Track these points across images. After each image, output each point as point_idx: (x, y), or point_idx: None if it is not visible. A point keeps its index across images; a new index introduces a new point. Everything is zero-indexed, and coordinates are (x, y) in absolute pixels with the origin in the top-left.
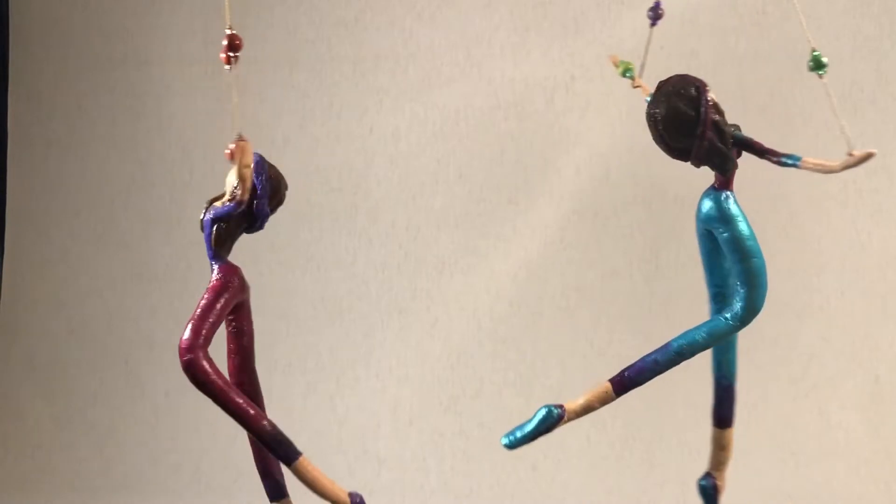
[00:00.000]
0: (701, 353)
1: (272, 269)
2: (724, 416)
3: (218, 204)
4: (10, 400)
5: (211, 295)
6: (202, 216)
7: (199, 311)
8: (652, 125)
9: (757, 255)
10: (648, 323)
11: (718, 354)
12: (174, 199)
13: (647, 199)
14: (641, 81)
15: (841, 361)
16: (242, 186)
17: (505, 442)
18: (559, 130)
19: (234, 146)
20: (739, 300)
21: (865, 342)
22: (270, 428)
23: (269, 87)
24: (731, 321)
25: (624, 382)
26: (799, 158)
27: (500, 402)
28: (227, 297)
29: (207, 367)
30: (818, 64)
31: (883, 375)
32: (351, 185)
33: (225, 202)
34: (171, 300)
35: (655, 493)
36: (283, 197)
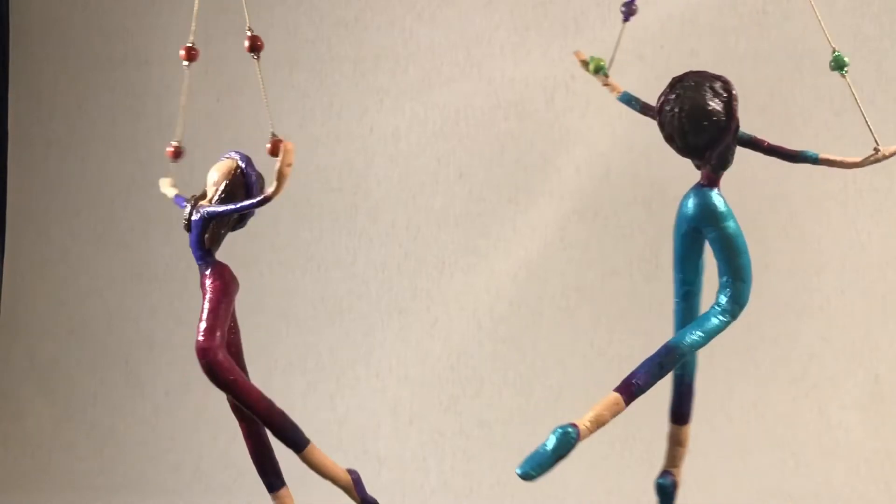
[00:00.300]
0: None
1: (272, 268)
2: (683, 412)
3: (205, 202)
4: (10, 399)
5: (217, 295)
6: (189, 216)
7: (209, 311)
8: (673, 118)
9: (746, 251)
10: (648, 323)
11: None
12: None
13: (647, 198)
14: (613, 81)
15: (841, 361)
16: (279, 185)
17: (520, 472)
18: (559, 130)
19: (279, 144)
20: (730, 296)
21: (865, 342)
22: (283, 418)
23: (269, 86)
24: (723, 317)
25: (632, 390)
26: (816, 154)
27: (500, 401)
28: (231, 295)
29: (228, 365)
30: (840, 64)
31: (883, 375)
32: (351, 184)
33: (210, 199)
34: (171, 300)
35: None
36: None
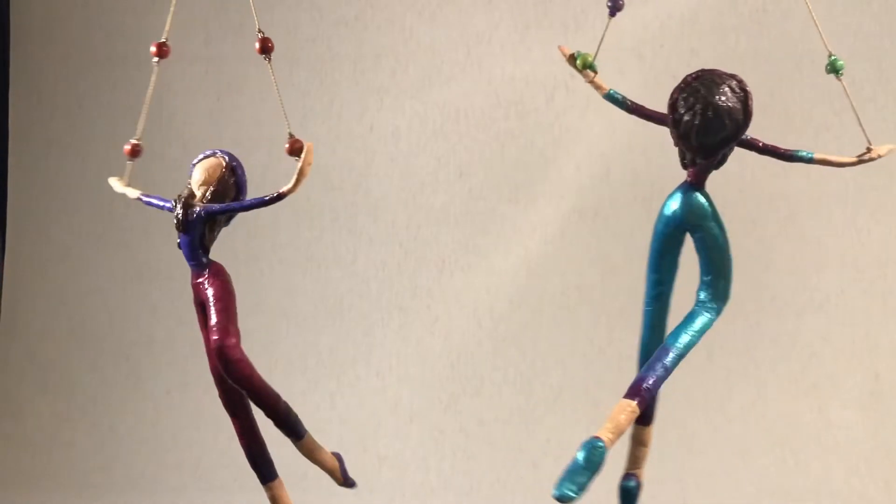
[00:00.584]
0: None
1: (273, 267)
2: (647, 413)
3: (197, 201)
4: (11, 398)
5: (223, 293)
6: (186, 216)
7: (219, 311)
8: (694, 116)
9: (729, 248)
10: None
11: (650, 350)
12: None
13: (646, 197)
14: (599, 79)
15: (841, 360)
16: (298, 183)
17: (557, 494)
18: (559, 129)
19: (298, 144)
20: (714, 294)
21: (865, 341)
22: (287, 409)
23: (269, 85)
24: (711, 315)
25: (645, 396)
26: (811, 154)
27: (500, 400)
28: (233, 291)
29: (247, 362)
30: (835, 68)
31: (883, 374)
32: (351, 183)
33: (202, 198)
34: (171, 299)
35: (655, 490)
36: None
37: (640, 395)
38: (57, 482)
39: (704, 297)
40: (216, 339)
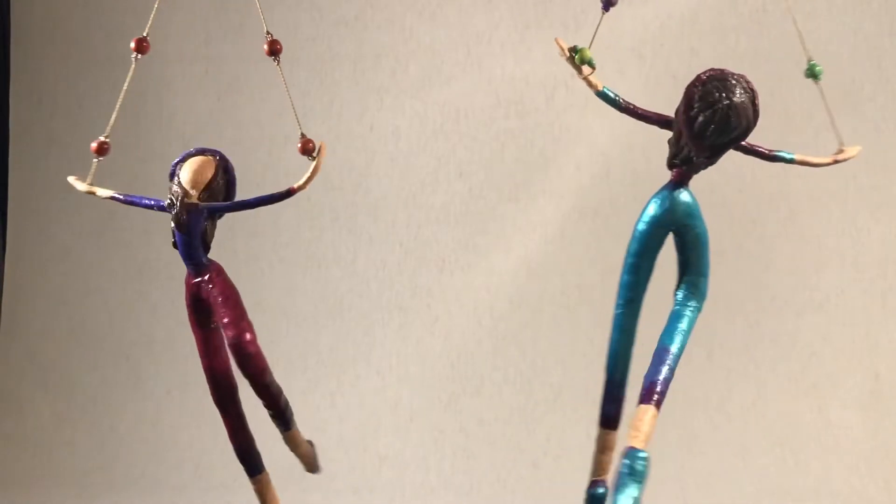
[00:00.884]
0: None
1: (273, 267)
2: (614, 416)
3: (195, 200)
4: (11, 397)
5: (231, 290)
6: (186, 215)
7: (232, 307)
8: (714, 114)
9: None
10: (649, 321)
11: (620, 354)
12: None
13: (647, 196)
14: (593, 77)
15: (841, 359)
16: (310, 180)
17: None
18: (559, 128)
19: (311, 143)
20: (700, 291)
21: (865, 340)
22: (286, 402)
23: (269, 85)
24: (695, 313)
25: (660, 399)
26: (793, 154)
27: (500, 399)
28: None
29: (261, 354)
30: (814, 73)
31: (883, 373)
32: (351, 183)
33: (199, 197)
34: (171, 299)
35: (655, 489)
36: None
37: (655, 398)
38: (57, 481)
39: (685, 295)
40: (233, 334)
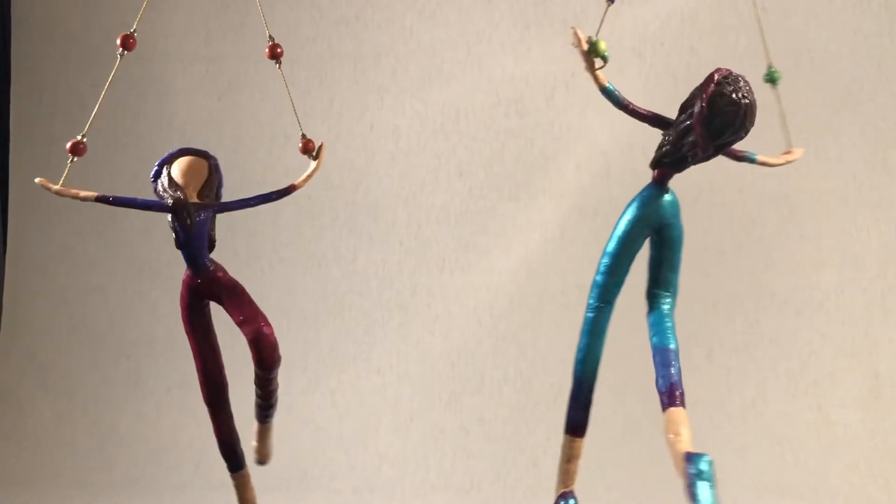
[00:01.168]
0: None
1: (273, 266)
2: (581, 422)
3: (195, 200)
4: (12, 396)
5: (240, 288)
6: (197, 216)
7: (247, 303)
8: (737, 111)
9: None
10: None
11: (591, 358)
12: None
13: None
14: (601, 73)
15: (840, 358)
16: (309, 179)
17: None
18: (559, 127)
19: (310, 143)
20: (675, 288)
21: (865, 339)
22: (277, 397)
23: (269, 84)
24: (674, 306)
25: (683, 398)
26: (755, 155)
27: (500, 398)
28: None
29: (278, 347)
30: (773, 78)
31: (882, 372)
32: (352, 182)
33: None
34: (172, 298)
35: (655, 488)
36: None
37: (681, 399)
38: (58, 480)
39: (664, 292)
40: (254, 328)
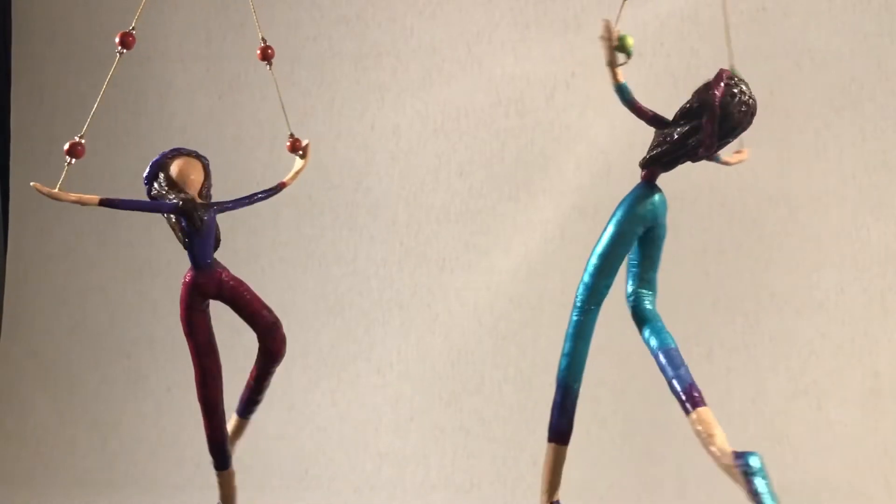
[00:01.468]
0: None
1: (273, 265)
2: (568, 430)
3: (200, 200)
4: (12, 395)
5: (246, 285)
6: (207, 215)
7: (256, 299)
8: (748, 110)
9: None
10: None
11: (579, 363)
12: None
13: None
14: (621, 70)
15: (840, 358)
16: (297, 176)
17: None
18: (559, 127)
19: (298, 141)
20: (656, 284)
21: (865, 338)
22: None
23: (269, 84)
24: (655, 306)
25: (702, 396)
26: (719, 155)
27: (500, 397)
28: None
29: None
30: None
31: (882, 371)
32: (352, 181)
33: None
34: (172, 297)
35: (655, 487)
36: None
37: (701, 398)
38: (58, 479)
39: (647, 292)
40: (271, 321)
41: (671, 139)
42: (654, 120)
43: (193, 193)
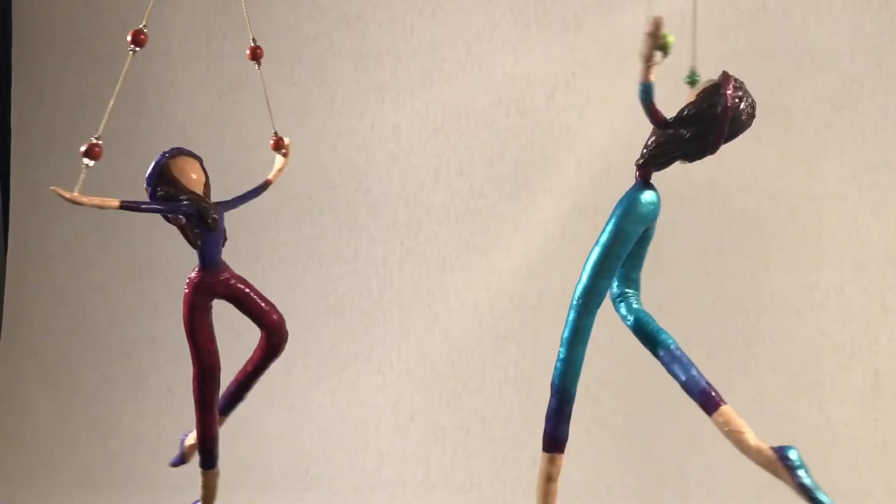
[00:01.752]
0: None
1: (273, 265)
2: (564, 437)
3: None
4: (13, 395)
5: (250, 283)
6: (216, 213)
7: (261, 297)
8: (749, 116)
9: None
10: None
11: (578, 368)
12: None
13: None
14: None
15: (840, 357)
16: (279, 174)
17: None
18: (560, 127)
19: (281, 140)
20: (639, 284)
21: (865, 338)
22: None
23: (270, 83)
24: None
25: (720, 394)
26: None
27: (500, 397)
28: None
29: None
30: (693, 82)
31: (883, 370)
32: (352, 181)
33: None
34: (172, 296)
35: (655, 487)
36: None
37: (720, 396)
38: (58, 479)
39: (634, 292)
40: (277, 318)
41: (676, 140)
42: (661, 122)
43: (200, 193)
